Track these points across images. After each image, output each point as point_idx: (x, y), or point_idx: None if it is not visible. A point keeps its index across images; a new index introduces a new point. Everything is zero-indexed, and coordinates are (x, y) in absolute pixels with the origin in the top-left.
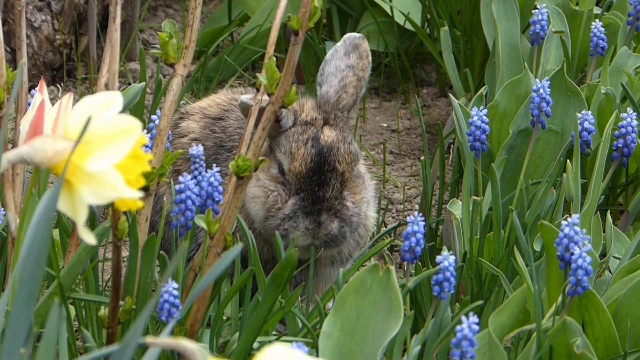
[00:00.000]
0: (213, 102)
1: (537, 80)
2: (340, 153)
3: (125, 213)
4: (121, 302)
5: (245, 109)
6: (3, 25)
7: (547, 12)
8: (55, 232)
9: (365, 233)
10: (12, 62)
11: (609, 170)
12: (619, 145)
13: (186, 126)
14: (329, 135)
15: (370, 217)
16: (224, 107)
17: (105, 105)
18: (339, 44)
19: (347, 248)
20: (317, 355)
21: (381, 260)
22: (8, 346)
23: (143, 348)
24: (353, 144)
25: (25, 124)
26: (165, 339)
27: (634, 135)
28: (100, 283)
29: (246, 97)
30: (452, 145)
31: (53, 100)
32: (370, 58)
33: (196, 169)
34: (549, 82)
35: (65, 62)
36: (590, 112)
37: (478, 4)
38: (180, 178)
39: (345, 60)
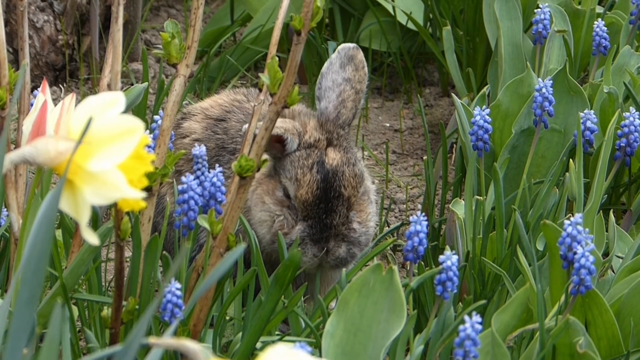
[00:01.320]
0: (215, 102)
1: (540, 79)
2: (345, 177)
3: (128, 213)
4: (124, 303)
5: None
6: (5, 25)
7: (549, 12)
8: (58, 233)
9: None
10: (15, 62)
11: (611, 169)
12: (621, 144)
13: (188, 127)
14: (333, 158)
15: (373, 227)
16: (226, 108)
17: (107, 106)
18: (333, 55)
19: None
20: (320, 355)
21: (384, 260)
22: (11, 347)
23: (146, 348)
24: (357, 164)
25: (27, 124)
26: (168, 340)
27: (636, 134)
28: (103, 283)
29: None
30: (454, 145)
31: (55, 101)
32: (366, 69)
33: (199, 169)
34: (551, 82)
35: (68, 62)
36: (592, 111)
37: (480, 3)
38: (183, 178)
39: (342, 73)
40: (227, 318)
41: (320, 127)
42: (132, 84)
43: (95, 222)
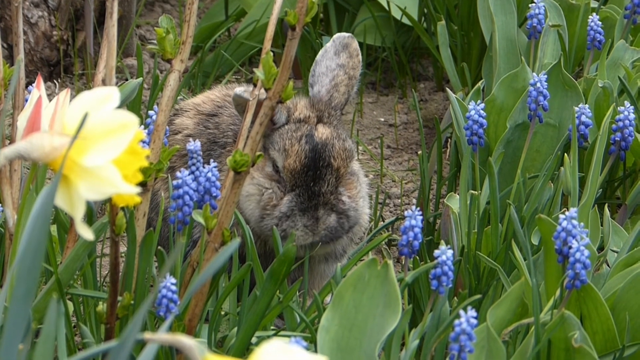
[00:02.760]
0: (207, 98)
1: (535, 74)
2: (335, 149)
3: (122, 209)
4: (119, 298)
5: (239, 102)
6: (0, 21)
7: (544, 6)
8: (53, 228)
9: (359, 229)
10: (9, 58)
11: (606, 163)
12: (616, 138)
13: (180, 122)
14: (323, 132)
15: (365, 213)
16: (218, 103)
17: (102, 101)
18: (328, 44)
19: (341, 244)
20: (316, 350)
21: (379, 254)
22: (6, 342)
23: (141, 344)
24: (347, 140)
25: (22, 120)
26: (163, 335)
27: (631, 128)
28: (98, 279)
29: (240, 90)
30: (449, 140)
31: (50, 97)
32: (360, 57)
33: (193, 164)
34: (546, 76)
35: (63, 58)
36: (587, 105)
37: None
38: (178, 174)
39: (336, 59)
40: (222, 313)
41: (311, 106)
42: (126, 80)
43: (90, 217)
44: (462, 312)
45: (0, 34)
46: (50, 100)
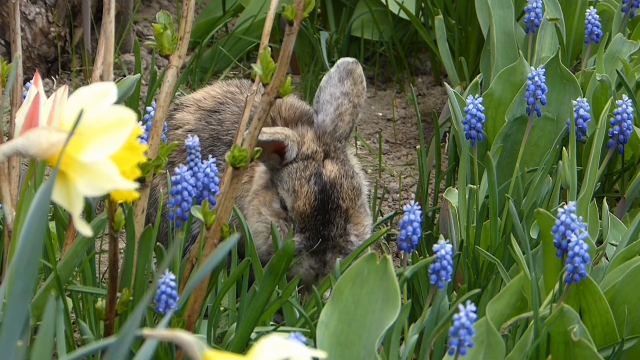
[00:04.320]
0: (208, 94)
1: (532, 67)
2: (343, 189)
3: (121, 205)
4: (118, 294)
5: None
6: None
7: (541, 0)
8: (52, 225)
9: None
10: (7, 55)
11: (604, 157)
12: (614, 132)
13: (181, 118)
14: (331, 170)
15: (370, 223)
16: (219, 100)
17: (99, 97)
18: (332, 69)
19: None
20: (315, 345)
21: (378, 249)
22: (5, 339)
23: (140, 340)
24: (355, 177)
25: (20, 116)
26: (162, 331)
27: (629, 122)
28: (97, 275)
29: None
30: (447, 134)
31: (48, 93)
32: (364, 83)
33: (192, 160)
34: (544, 70)
35: (60, 54)
36: (585, 99)
37: None
38: (177, 169)
39: (340, 87)
40: (222, 309)
41: (317, 139)
42: (124, 76)
43: (88, 213)
44: (461, 306)
45: None
46: (48, 97)
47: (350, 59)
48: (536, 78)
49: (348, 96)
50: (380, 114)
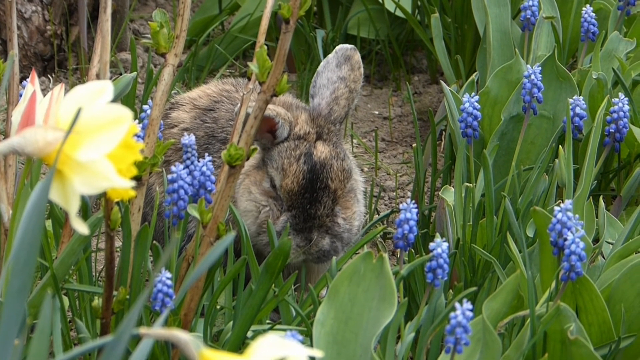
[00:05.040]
0: (203, 93)
1: (529, 66)
2: (333, 170)
3: (117, 203)
4: (115, 293)
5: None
6: None
7: None
8: (48, 223)
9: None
10: (3, 53)
11: (601, 155)
12: (610, 130)
13: (176, 116)
14: (322, 151)
15: (360, 212)
16: (215, 98)
17: (95, 95)
18: (330, 55)
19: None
20: (311, 344)
21: (374, 247)
22: (1, 337)
23: (137, 338)
24: (346, 159)
25: (16, 115)
26: (158, 330)
27: (625, 120)
28: (94, 273)
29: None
30: (443, 132)
31: (44, 91)
32: (362, 70)
33: (188, 158)
34: (540, 68)
35: (56, 52)
36: (581, 97)
37: None
38: (173, 168)
39: (337, 72)
40: (218, 307)
41: (311, 121)
42: (120, 74)
43: (85, 212)
44: (457, 304)
45: None
46: (44, 95)
47: (348, 46)
48: (532, 76)
49: (345, 81)
50: (377, 112)
